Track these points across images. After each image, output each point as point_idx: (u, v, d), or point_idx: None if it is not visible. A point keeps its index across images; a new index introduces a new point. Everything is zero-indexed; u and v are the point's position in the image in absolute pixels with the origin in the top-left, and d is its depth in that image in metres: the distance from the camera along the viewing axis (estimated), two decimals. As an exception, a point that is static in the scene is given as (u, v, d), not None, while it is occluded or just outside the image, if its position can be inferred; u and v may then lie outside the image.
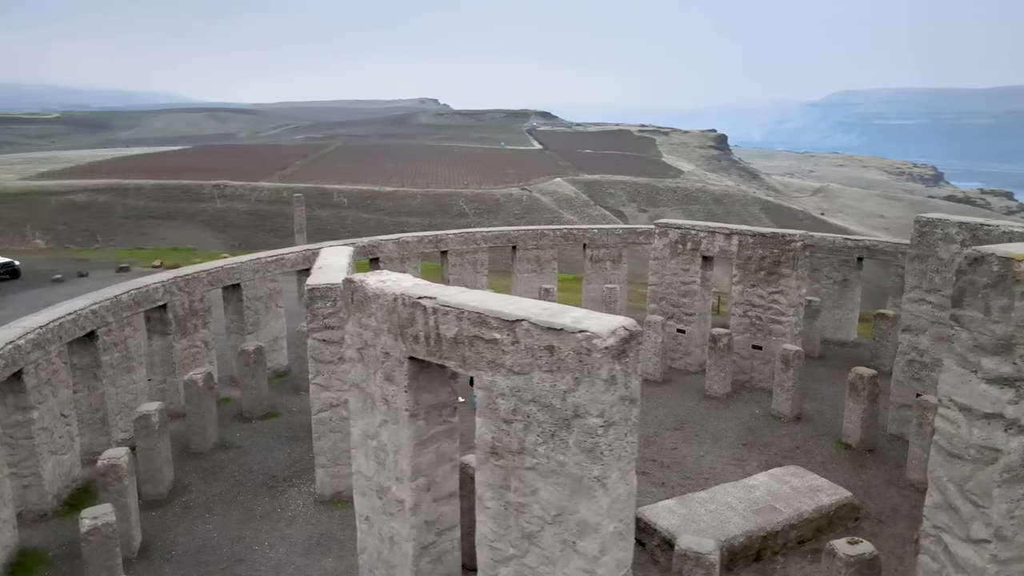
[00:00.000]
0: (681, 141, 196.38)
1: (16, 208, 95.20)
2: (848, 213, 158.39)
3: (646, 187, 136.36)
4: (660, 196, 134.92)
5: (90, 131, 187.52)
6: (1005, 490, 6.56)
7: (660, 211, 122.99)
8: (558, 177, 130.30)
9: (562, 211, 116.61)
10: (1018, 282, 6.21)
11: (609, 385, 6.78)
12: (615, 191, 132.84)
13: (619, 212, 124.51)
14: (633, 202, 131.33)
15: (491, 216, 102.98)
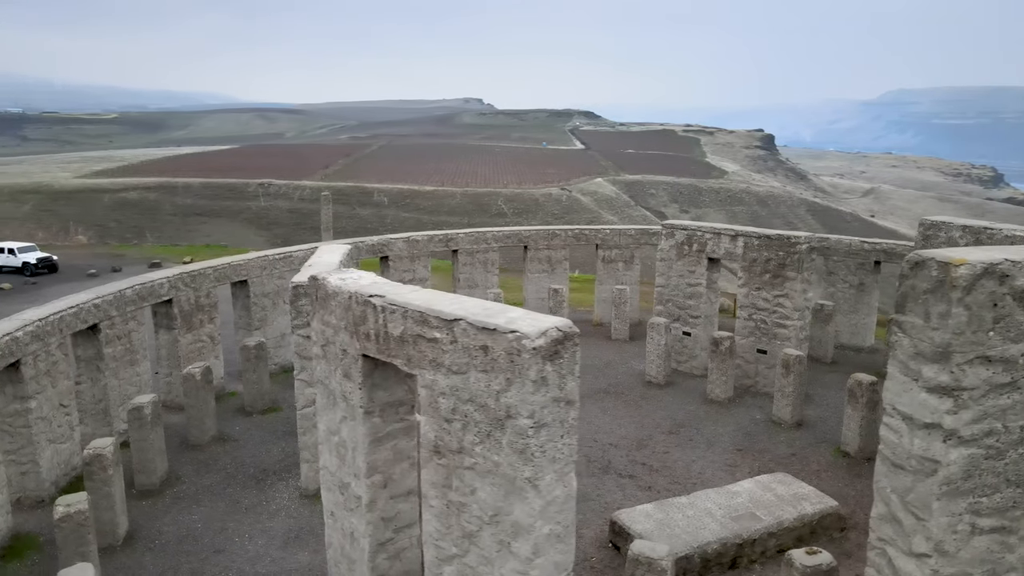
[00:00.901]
0: (726, 141, 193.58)
1: (71, 205, 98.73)
2: (900, 215, 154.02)
3: (688, 188, 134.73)
4: (702, 197, 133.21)
5: (146, 131, 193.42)
6: (945, 503, 6.33)
7: (702, 212, 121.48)
8: (599, 177, 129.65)
9: (602, 211, 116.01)
10: (955, 288, 5.99)
11: (539, 386, 6.74)
12: (657, 191, 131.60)
13: (660, 213, 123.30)
14: (675, 203, 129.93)
15: (530, 216, 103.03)
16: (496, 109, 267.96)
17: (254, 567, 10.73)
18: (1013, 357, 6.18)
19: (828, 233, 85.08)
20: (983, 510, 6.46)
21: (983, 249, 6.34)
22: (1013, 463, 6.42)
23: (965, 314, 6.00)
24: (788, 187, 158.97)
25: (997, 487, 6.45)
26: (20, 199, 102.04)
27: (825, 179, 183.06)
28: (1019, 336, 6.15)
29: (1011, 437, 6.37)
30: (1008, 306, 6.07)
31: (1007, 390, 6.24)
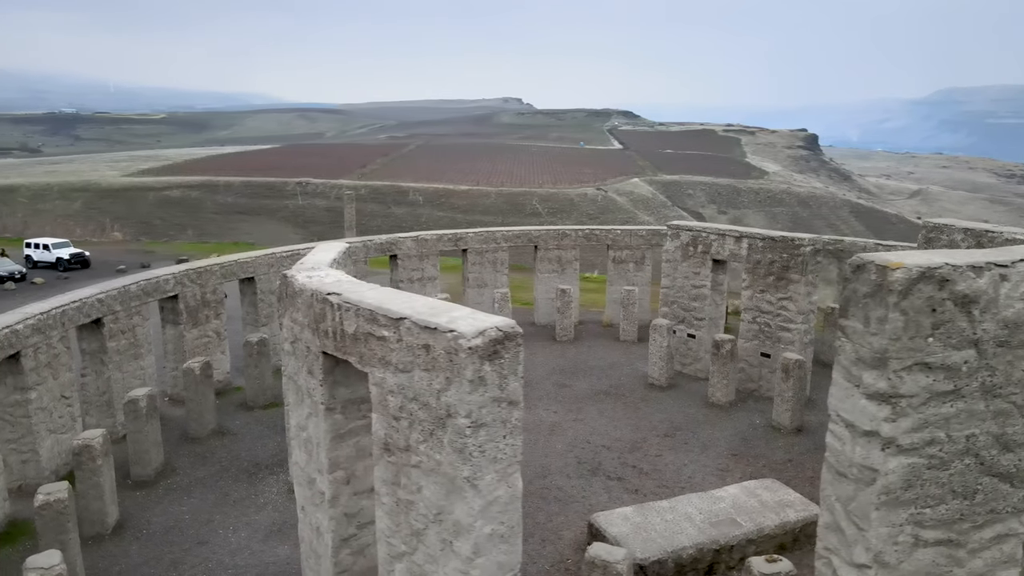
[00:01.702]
0: (768, 141, 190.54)
1: (118, 203, 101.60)
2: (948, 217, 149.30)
3: (727, 188, 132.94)
4: (741, 197, 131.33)
5: (192, 131, 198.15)
6: (884, 513, 6.16)
7: (741, 213, 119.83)
8: (636, 177, 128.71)
9: (638, 211, 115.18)
10: (891, 292, 5.83)
11: (476, 386, 6.74)
12: (694, 192, 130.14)
13: (697, 214, 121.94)
14: (713, 203, 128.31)
15: (564, 216, 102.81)
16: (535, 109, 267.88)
17: (233, 559, 10.93)
18: (955, 364, 5.98)
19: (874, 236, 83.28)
20: (926, 522, 6.27)
21: (927, 253, 6.15)
22: (959, 474, 6.22)
23: (901, 319, 5.83)
24: (831, 188, 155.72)
25: (942, 498, 6.25)
26: (70, 196, 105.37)
27: (870, 180, 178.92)
28: (962, 343, 5.96)
29: (956, 447, 6.17)
30: (949, 312, 5.88)
31: (950, 398, 6.04)
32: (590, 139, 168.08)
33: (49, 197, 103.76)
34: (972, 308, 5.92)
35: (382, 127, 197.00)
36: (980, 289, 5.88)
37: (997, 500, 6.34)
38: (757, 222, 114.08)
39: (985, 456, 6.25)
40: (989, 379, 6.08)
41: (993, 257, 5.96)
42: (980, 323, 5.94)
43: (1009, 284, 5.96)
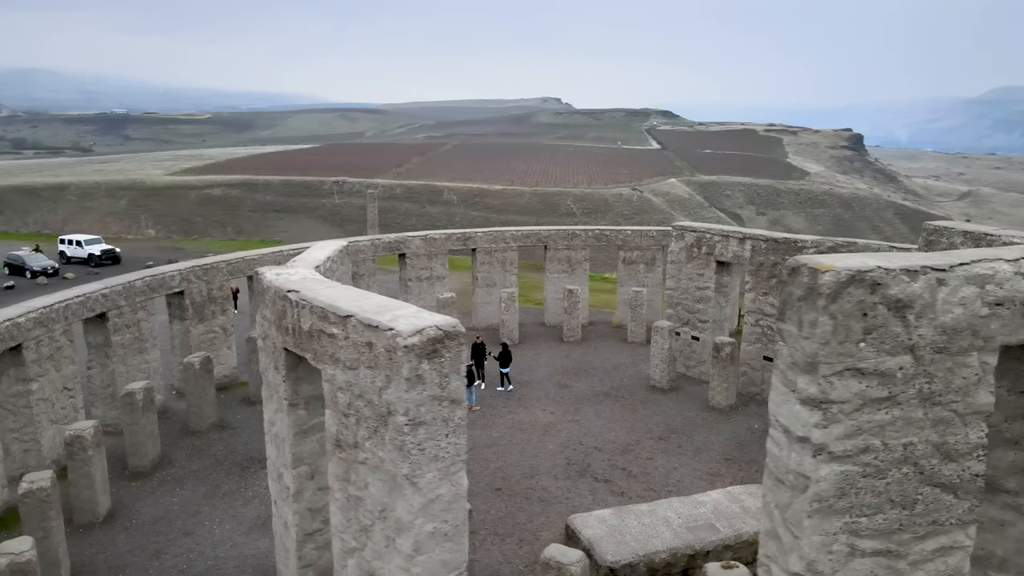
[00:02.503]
0: (811, 141, 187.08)
1: (162, 201, 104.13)
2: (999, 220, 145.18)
3: (766, 189, 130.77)
4: (781, 199, 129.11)
5: (236, 131, 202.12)
6: (817, 521, 6.03)
7: (780, 214, 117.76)
8: (672, 178, 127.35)
9: (674, 212, 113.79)
10: (820, 295, 5.71)
11: (414, 384, 6.78)
12: (732, 193, 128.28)
13: (735, 215, 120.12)
14: (751, 204, 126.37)
15: (598, 216, 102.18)
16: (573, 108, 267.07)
17: (214, 550, 11.15)
18: (890, 371, 5.82)
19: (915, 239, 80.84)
20: (863, 531, 6.11)
21: (862, 256, 5.98)
22: (896, 483, 6.05)
23: (830, 323, 5.69)
24: (875, 189, 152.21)
25: (879, 507, 6.09)
26: (116, 195, 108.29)
27: (918, 181, 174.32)
28: (896, 349, 5.79)
29: (892, 455, 6.00)
30: (881, 316, 5.72)
31: (885, 405, 5.88)
32: (628, 139, 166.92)
33: (96, 195, 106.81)
34: (907, 313, 5.75)
35: (420, 127, 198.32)
36: (915, 293, 5.72)
37: (940, 511, 6.15)
38: (797, 224, 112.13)
39: (925, 465, 6.07)
40: (927, 386, 5.90)
41: (930, 261, 5.78)
42: (916, 328, 5.77)
43: (947, 289, 5.78)
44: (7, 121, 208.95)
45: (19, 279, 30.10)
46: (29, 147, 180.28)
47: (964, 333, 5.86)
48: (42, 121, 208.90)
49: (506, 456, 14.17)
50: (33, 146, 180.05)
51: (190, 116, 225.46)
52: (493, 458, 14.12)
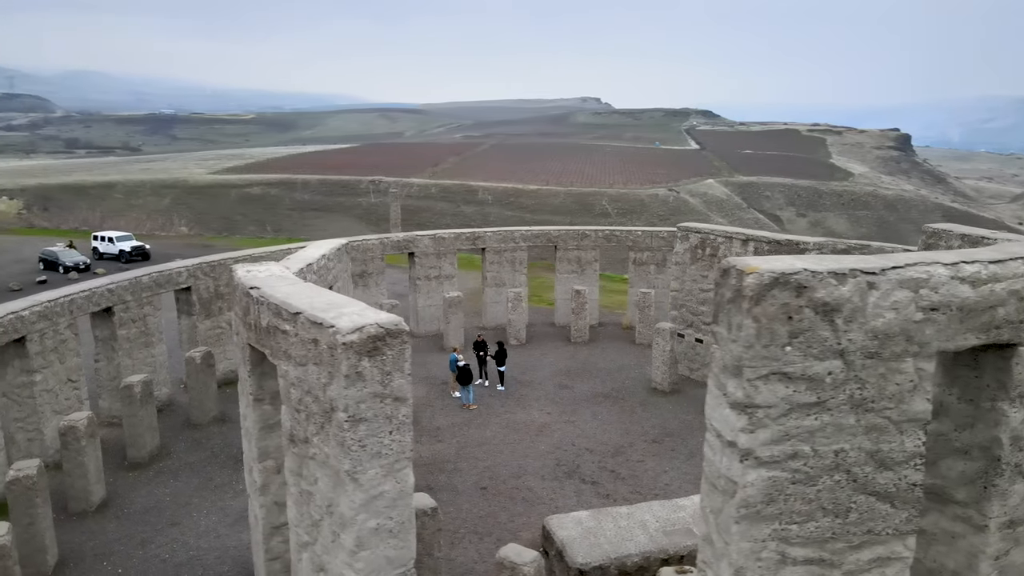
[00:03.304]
0: (856, 141, 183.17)
1: (203, 199, 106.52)
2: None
3: (807, 190, 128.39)
4: (823, 200, 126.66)
5: (278, 130, 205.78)
6: (745, 527, 5.92)
7: (821, 216, 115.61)
8: (710, 178, 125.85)
9: (711, 213, 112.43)
10: (744, 298, 5.62)
11: (354, 381, 6.85)
12: (772, 194, 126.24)
13: (775, 216, 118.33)
14: (791, 206, 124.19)
15: (634, 216, 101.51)
16: (612, 108, 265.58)
17: (198, 541, 11.40)
18: (818, 375, 5.68)
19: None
20: (793, 539, 5.98)
21: (791, 258, 5.86)
22: (828, 490, 5.90)
23: (754, 326, 5.57)
24: (922, 191, 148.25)
25: (811, 515, 5.95)
26: (161, 193, 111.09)
27: (968, 183, 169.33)
28: (824, 353, 5.65)
29: (823, 462, 5.85)
30: (808, 320, 5.59)
31: (814, 411, 5.74)
32: (666, 139, 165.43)
33: (141, 193, 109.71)
34: (835, 317, 5.61)
35: (459, 126, 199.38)
36: (843, 297, 5.58)
37: (875, 520, 6.00)
38: (839, 226, 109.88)
39: (858, 473, 5.91)
40: (859, 392, 5.75)
41: (860, 264, 5.63)
42: (845, 333, 5.63)
43: (878, 293, 5.63)
44: (62, 121, 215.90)
45: (52, 274, 31.14)
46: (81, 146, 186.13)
47: (897, 338, 5.70)
48: (94, 121, 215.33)
49: (496, 455, 14.19)
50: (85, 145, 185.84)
51: (235, 116, 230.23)
52: (483, 457, 14.15)
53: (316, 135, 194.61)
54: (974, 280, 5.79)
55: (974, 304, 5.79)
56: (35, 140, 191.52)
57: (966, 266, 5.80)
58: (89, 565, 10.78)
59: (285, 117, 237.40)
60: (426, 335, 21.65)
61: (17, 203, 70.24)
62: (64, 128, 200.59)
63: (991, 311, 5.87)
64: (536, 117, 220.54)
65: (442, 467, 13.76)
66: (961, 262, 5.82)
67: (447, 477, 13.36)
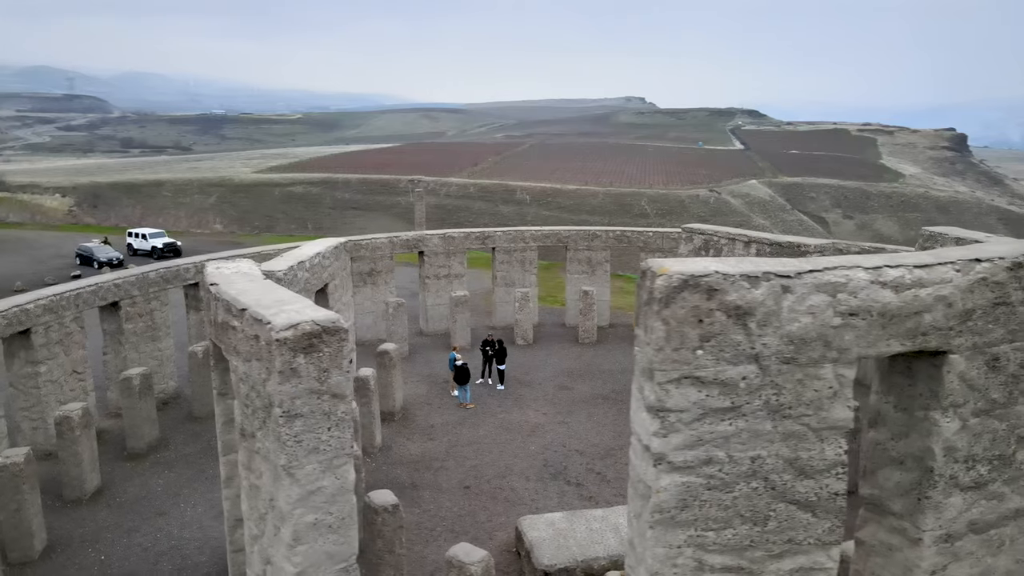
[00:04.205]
0: (908, 141, 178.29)
1: (248, 198, 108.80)
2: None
3: (855, 192, 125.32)
4: (871, 202, 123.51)
5: (323, 130, 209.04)
6: (660, 532, 5.84)
7: (869, 218, 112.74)
8: (753, 179, 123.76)
9: (753, 215, 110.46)
10: (654, 300, 5.55)
11: (288, 377, 6.94)
12: (817, 195, 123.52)
13: (820, 218, 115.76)
14: (838, 208, 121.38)
15: (673, 217, 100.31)
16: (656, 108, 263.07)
17: (181, 531, 11.68)
18: (732, 380, 5.57)
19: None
20: (710, 545, 5.88)
21: (703, 260, 5.76)
22: (745, 497, 5.79)
23: (663, 329, 5.50)
24: (977, 193, 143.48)
25: (728, 522, 5.85)
26: (207, 191, 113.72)
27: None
28: (737, 358, 5.54)
29: (739, 468, 5.74)
30: (719, 323, 5.48)
31: (729, 416, 5.64)
32: (710, 139, 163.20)
33: (189, 191, 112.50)
34: (748, 321, 5.51)
35: (501, 126, 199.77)
36: (756, 301, 5.48)
37: (795, 529, 5.87)
38: (887, 228, 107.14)
39: (776, 480, 5.79)
40: (775, 398, 5.64)
41: (775, 267, 5.52)
42: (760, 337, 5.53)
43: (793, 297, 5.51)
44: (118, 122, 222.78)
45: (87, 269, 32.24)
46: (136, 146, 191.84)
47: (815, 344, 5.57)
48: (148, 121, 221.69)
49: (485, 455, 14.21)
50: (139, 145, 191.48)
51: (282, 116, 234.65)
52: (471, 456, 14.19)
53: (359, 135, 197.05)
54: (897, 285, 5.62)
55: (897, 310, 5.62)
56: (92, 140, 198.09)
57: (889, 270, 5.63)
58: (75, 551, 11.14)
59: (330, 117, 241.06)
60: (435, 334, 21.78)
61: (68, 200, 72.75)
62: (120, 128, 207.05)
63: (916, 317, 5.68)
64: (578, 117, 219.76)
65: (429, 465, 13.83)
66: (884, 266, 5.66)
67: (432, 475, 13.44)
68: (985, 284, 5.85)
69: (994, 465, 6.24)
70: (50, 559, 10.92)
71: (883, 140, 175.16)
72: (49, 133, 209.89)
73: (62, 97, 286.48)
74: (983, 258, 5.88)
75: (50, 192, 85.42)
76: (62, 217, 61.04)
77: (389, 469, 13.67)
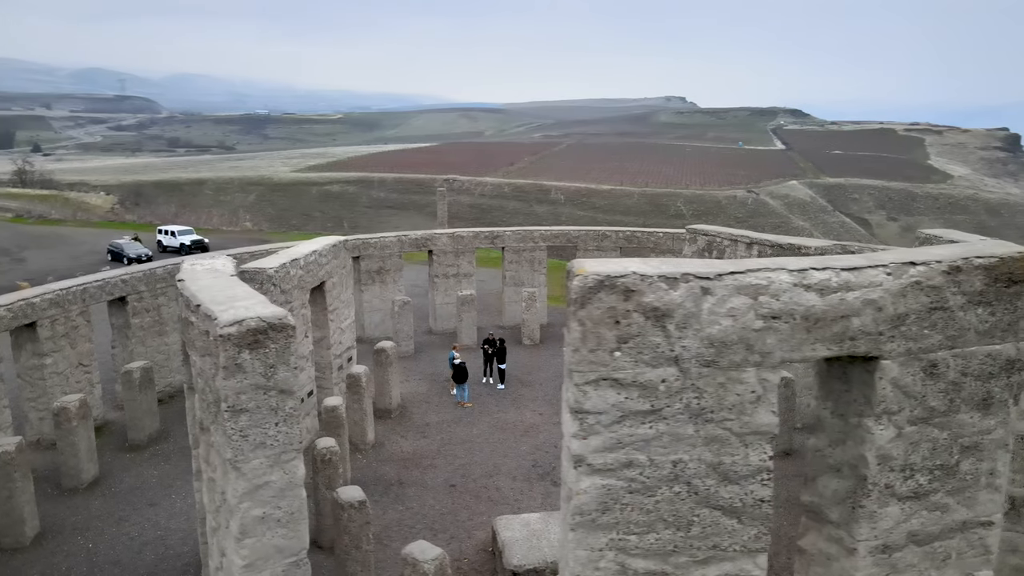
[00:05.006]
0: (958, 142, 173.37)
1: (286, 196, 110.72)
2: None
3: (900, 193, 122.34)
4: (916, 204, 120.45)
5: (364, 130, 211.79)
6: (581, 535, 5.77)
7: (915, 220, 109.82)
8: (794, 180, 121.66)
9: (792, 216, 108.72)
10: (571, 301, 5.50)
11: (233, 372, 7.04)
12: (861, 196, 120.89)
13: (863, 220, 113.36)
14: (882, 209, 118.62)
15: (710, 218, 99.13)
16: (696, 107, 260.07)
17: (167, 522, 11.93)
18: (651, 383, 5.48)
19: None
20: (632, 549, 5.79)
21: (623, 261, 5.67)
22: (667, 502, 5.68)
23: (579, 330, 5.43)
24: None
25: (651, 526, 5.75)
26: (247, 190, 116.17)
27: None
28: (657, 360, 5.44)
29: (660, 472, 5.64)
30: (637, 325, 5.39)
31: (649, 419, 5.54)
32: (750, 139, 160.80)
33: (229, 190, 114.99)
34: (667, 323, 5.41)
35: (539, 126, 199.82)
36: (674, 302, 5.38)
37: (720, 536, 5.75)
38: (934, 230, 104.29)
39: (699, 486, 5.68)
40: (696, 402, 5.53)
41: (693, 269, 5.41)
42: (679, 340, 5.43)
43: (713, 299, 5.39)
44: (166, 122, 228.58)
45: (117, 265, 33.16)
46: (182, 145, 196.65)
47: (736, 347, 5.45)
48: (195, 121, 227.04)
49: (475, 454, 14.23)
50: (185, 144, 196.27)
51: (323, 116, 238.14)
52: (462, 455, 14.22)
53: (399, 134, 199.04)
54: (822, 288, 5.46)
55: (822, 313, 5.47)
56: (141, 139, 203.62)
57: (815, 273, 5.48)
58: (65, 538, 11.47)
59: (371, 117, 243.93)
60: (443, 332, 21.87)
61: (111, 198, 74.84)
62: (168, 128, 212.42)
63: (843, 321, 5.52)
64: (617, 117, 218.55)
65: (418, 463, 13.90)
66: (810, 269, 5.51)
67: (420, 473, 13.50)
68: (919, 288, 5.65)
69: (935, 475, 6.02)
70: (40, 546, 11.25)
71: (931, 140, 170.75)
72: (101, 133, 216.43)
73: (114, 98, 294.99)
74: (918, 261, 5.68)
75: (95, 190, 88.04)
76: (104, 214, 62.84)
77: (379, 466, 13.77)
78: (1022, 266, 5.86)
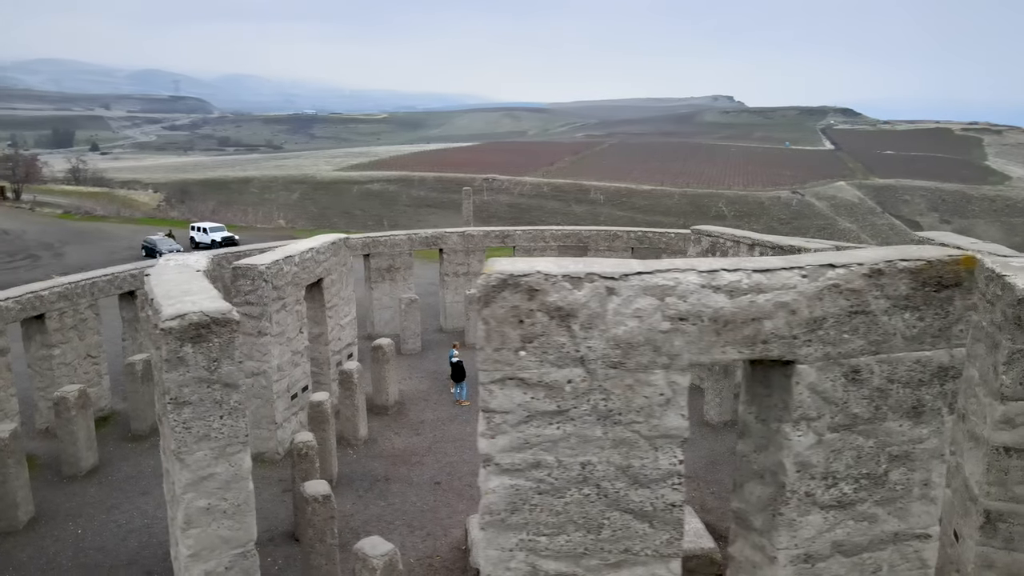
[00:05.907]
0: (1018, 141, 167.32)
1: (328, 195, 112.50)
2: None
3: (954, 195, 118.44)
4: (971, 206, 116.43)
5: (407, 129, 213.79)
6: (491, 535, 5.75)
7: (969, 223, 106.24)
8: (842, 180, 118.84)
9: (839, 218, 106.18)
10: (477, 299, 5.49)
11: (175, 365, 7.22)
12: (912, 198, 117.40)
13: (913, 222, 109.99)
14: (934, 211, 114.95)
15: (752, 220, 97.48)
16: (743, 107, 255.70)
17: (156, 511, 12.21)
18: (557, 383, 5.42)
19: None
20: (543, 551, 5.74)
21: (530, 260, 5.61)
22: (577, 504, 5.62)
23: (484, 328, 5.42)
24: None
25: (561, 528, 5.69)
26: (291, 188, 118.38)
27: None
28: (562, 360, 5.38)
29: (569, 474, 5.58)
30: (541, 325, 5.34)
31: (556, 419, 5.49)
32: (798, 139, 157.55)
33: (274, 188, 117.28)
34: (571, 323, 5.36)
35: (582, 125, 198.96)
36: (578, 302, 5.32)
37: (631, 539, 5.68)
38: (990, 234, 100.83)
39: (608, 488, 5.61)
40: (604, 403, 5.46)
41: (599, 268, 5.34)
42: (584, 340, 5.37)
43: (619, 299, 5.32)
44: (217, 122, 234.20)
45: (151, 261, 34.15)
46: (232, 144, 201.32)
47: (643, 348, 5.37)
48: (245, 121, 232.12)
49: (464, 452, 14.25)
50: (235, 144, 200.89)
51: (368, 116, 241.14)
52: (452, 453, 14.26)
53: (442, 134, 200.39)
54: (732, 290, 5.34)
55: (731, 315, 5.35)
56: (193, 139, 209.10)
57: (726, 274, 5.36)
58: (58, 524, 11.85)
59: (415, 116, 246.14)
60: (453, 330, 21.96)
61: (158, 196, 77.05)
62: (219, 128, 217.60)
63: (755, 324, 5.39)
64: (662, 116, 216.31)
65: (407, 459, 13.99)
66: (721, 270, 5.40)
67: (407, 469, 13.58)
68: (838, 291, 5.47)
69: (861, 484, 5.83)
70: (33, 530, 11.65)
71: (990, 140, 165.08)
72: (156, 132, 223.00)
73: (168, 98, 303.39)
74: (837, 264, 5.49)
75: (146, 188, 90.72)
76: (151, 211, 64.73)
77: (368, 462, 13.90)
78: (952, 270, 5.64)
